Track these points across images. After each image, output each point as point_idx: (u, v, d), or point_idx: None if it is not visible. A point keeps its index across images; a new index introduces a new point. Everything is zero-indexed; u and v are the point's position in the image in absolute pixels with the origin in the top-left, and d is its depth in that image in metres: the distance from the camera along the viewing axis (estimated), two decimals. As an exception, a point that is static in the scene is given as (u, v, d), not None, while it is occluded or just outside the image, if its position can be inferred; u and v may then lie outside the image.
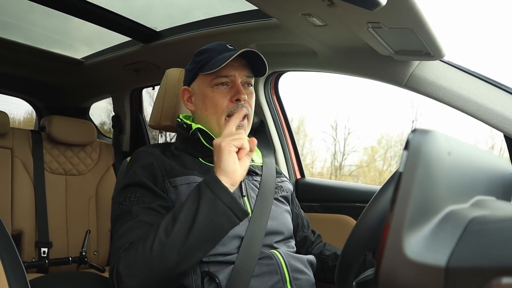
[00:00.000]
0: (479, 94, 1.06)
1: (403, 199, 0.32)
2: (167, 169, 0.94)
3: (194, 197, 0.78)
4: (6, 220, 1.67)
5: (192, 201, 0.78)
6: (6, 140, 1.79)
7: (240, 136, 0.82)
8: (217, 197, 0.77)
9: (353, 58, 1.24)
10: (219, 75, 0.96)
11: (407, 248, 0.31)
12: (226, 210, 0.77)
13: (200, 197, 0.77)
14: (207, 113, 0.99)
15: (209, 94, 0.98)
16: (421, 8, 0.82)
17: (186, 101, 1.05)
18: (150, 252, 0.74)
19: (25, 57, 1.99)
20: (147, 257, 0.74)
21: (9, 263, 0.76)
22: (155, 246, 0.74)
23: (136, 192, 0.89)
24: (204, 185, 0.79)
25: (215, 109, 0.97)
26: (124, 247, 0.80)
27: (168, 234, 0.75)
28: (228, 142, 0.80)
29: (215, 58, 0.97)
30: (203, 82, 1.00)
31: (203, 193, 0.78)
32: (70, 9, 1.47)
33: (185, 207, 0.77)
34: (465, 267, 0.30)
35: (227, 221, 0.77)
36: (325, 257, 1.09)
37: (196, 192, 0.79)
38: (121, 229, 0.84)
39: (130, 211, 0.86)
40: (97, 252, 1.89)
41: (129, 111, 2.26)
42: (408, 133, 0.34)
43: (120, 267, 0.77)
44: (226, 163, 0.79)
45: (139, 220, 0.84)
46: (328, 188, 1.60)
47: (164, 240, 0.74)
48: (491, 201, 0.41)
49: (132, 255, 0.76)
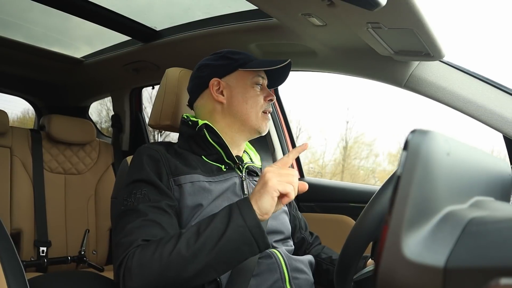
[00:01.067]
0: (478, 95, 1.06)
1: (402, 199, 0.32)
2: (172, 167, 0.94)
3: (224, 218, 0.77)
4: (5, 219, 1.67)
5: (221, 222, 0.76)
6: (6, 139, 1.79)
7: (291, 179, 0.77)
8: (247, 226, 0.75)
9: (352, 58, 1.24)
10: (260, 75, 1.04)
11: (405, 249, 0.31)
12: (252, 240, 0.75)
13: (230, 220, 0.76)
14: (247, 106, 1.02)
15: (250, 89, 1.03)
16: (421, 9, 0.82)
17: (216, 93, 1.05)
18: (168, 260, 0.74)
19: (25, 56, 1.99)
20: (163, 263, 0.74)
21: (8, 262, 0.76)
22: (174, 255, 0.74)
23: (142, 189, 0.88)
24: (237, 210, 0.77)
25: (255, 104, 1.03)
26: (135, 244, 0.79)
27: (190, 247, 0.74)
28: (276, 184, 0.76)
29: (255, 60, 1.05)
30: (243, 78, 1.04)
31: (234, 217, 0.76)
32: (70, 8, 1.47)
33: (212, 225, 0.76)
34: (463, 268, 0.30)
35: (249, 250, 0.76)
36: (321, 259, 1.09)
37: (227, 213, 0.77)
38: (128, 226, 0.83)
39: (137, 209, 0.85)
40: (96, 251, 1.89)
41: (128, 111, 2.26)
42: (407, 133, 0.34)
43: (133, 264, 0.76)
44: (265, 203, 0.76)
45: (148, 219, 0.83)
46: (327, 188, 1.60)
47: (184, 253, 0.74)
48: (490, 202, 0.41)
49: (148, 256, 0.76)
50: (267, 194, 0.76)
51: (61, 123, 1.94)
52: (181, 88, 1.17)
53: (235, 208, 0.77)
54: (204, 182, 0.93)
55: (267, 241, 0.77)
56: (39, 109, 2.62)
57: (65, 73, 2.22)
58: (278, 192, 0.76)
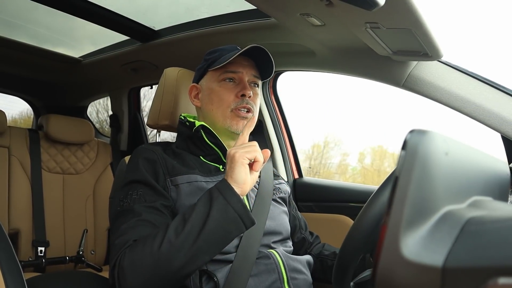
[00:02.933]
0: (476, 95, 1.07)
1: (400, 199, 0.32)
2: (169, 167, 0.94)
3: (206, 201, 0.79)
4: (3, 219, 1.66)
5: (204, 205, 0.78)
6: (4, 138, 1.78)
7: (254, 148, 0.82)
8: (228, 203, 0.78)
9: (351, 58, 1.24)
10: (227, 71, 0.99)
11: (404, 248, 0.31)
12: (236, 217, 0.78)
13: (212, 201, 0.78)
14: (212, 107, 1.00)
15: (216, 88, 1.00)
16: (419, 9, 0.82)
17: (193, 98, 1.07)
18: (158, 251, 0.74)
19: (23, 55, 1.98)
20: (154, 256, 0.74)
21: (6, 262, 0.76)
22: (164, 245, 0.75)
23: (138, 190, 0.89)
24: (216, 191, 0.79)
25: (221, 103, 0.99)
26: (128, 244, 0.79)
27: (178, 235, 0.75)
28: (241, 154, 0.80)
29: (227, 55, 1.00)
30: (211, 78, 1.03)
31: (215, 198, 0.78)
32: (69, 8, 1.46)
33: (196, 210, 0.78)
34: (462, 267, 0.30)
35: (236, 228, 0.79)
36: (325, 256, 1.09)
37: (208, 196, 0.80)
38: (122, 227, 0.83)
39: (132, 209, 0.85)
40: (94, 251, 1.89)
41: (127, 110, 2.26)
42: (406, 133, 0.34)
43: (125, 263, 0.76)
44: (238, 174, 0.80)
45: (142, 219, 0.83)
46: (325, 188, 1.60)
47: (174, 241, 0.75)
48: (488, 202, 0.41)
49: (139, 252, 0.76)
50: (237, 164, 0.79)
51: (59, 122, 1.94)
52: (179, 88, 1.17)
53: (214, 190, 0.80)
54: (201, 182, 0.93)
55: (251, 217, 0.80)
56: (37, 108, 2.61)
57: (63, 73, 2.21)
58: (246, 159, 0.80)
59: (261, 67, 1.04)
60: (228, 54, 1.00)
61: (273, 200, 1.03)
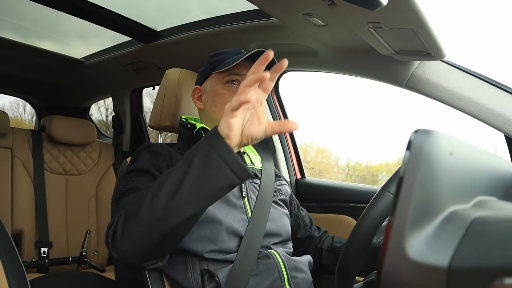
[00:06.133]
0: (479, 95, 1.06)
1: (405, 199, 0.32)
2: (174, 161, 0.94)
3: (192, 151, 0.74)
4: (6, 220, 1.67)
5: (189, 154, 0.73)
6: (6, 140, 1.79)
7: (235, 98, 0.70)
8: (212, 147, 0.70)
9: (353, 58, 1.24)
10: (231, 73, 1.00)
11: (409, 249, 0.31)
12: (220, 162, 0.69)
13: (197, 150, 0.72)
14: (215, 109, 1.01)
15: (220, 91, 1.01)
16: (422, 8, 0.82)
17: (196, 100, 1.06)
18: (142, 205, 0.73)
19: (25, 56, 1.99)
20: (139, 211, 0.73)
21: (9, 263, 0.76)
22: (147, 198, 0.72)
23: (141, 177, 0.89)
24: (203, 138, 0.73)
25: (224, 106, 0.97)
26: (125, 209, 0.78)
27: (161, 185, 0.72)
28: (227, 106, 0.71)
29: (229, 59, 1.00)
30: (215, 80, 1.03)
31: (200, 145, 0.72)
32: (70, 9, 1.47)
33: (181, 161, 0.74)
34: (467, 268, 0.29)
35: (222, 176, 0.70)
36: (337, 249, 1.09)
37: (195, 147, 0.74)
38: (123, 200, 0.83)
39: (135, 187, 0.85)
40: (97, 252, 1.89)
41: (129, 111, 2.26)
42: (411, 133, 0.34)
43: (118, 226, 0.75)
44: (222, 122, 0.71)
45: (142, 193, 0.80)
46: (328, 188, 1.60)
47: (157, 191, 0.72)
48: (493, 202, 0.41)
49: (129, 213, 0.75)
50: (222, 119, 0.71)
51: (62, 123, 1.94)
52: (181, 89, 1.17)
53: (202, 139, 0.73)
54: None
55: (240, 163, 0.70)
56: (40, 110, 2.62)
57: (65, 74, 2.22)
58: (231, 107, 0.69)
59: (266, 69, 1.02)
60: (233, 57, 0.99)
61: (274, 202, 1.04)
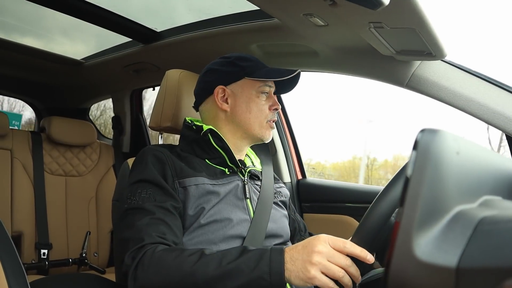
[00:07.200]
0: (480, 94, 1.06)
1: (412, 199, 0.32)
2: (177, 169, 0.94)
3: (251, 263, 0.72)
4: (6, 222, 1.66)
5: (246, 265, 0.72)
6: (6, 141, 1.78)
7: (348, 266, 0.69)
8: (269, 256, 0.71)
9: (354, 58, 1.24)
10: (267, 84, 1.03)
11: (417, 249, 0.31)
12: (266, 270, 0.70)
13: (256, 267, 0.71)
14: (250, 116, 1.01)
15: (255, 99, 1.02)
16: (423, 8, 0.82)
17: (221, 101, 1.04)
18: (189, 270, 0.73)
19: (24, 58, 1.98)
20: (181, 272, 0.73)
21: (9, 265, 0.75)
22: (191, 268, 0.73)
23: (148, 189, 0.88)
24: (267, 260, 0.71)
25: (260, 113, 1.02)
26: (150, 240, 0.78)
27: (207, 273, 0.72)
28: (327, 264, 0.68)
29: (264, 68, 1.03)
30: (249, 86, 1.02)
31: (261, 266, 0.71)
32: (71, 10, 1.46)
33: (237, 262, 0.72)
34: (476, 268, 0.29)
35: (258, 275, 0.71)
36: None
37: (256, 259, 0.72)
38: (137, 223, 0.82)
39: (144, 207, 0.85)
40: (97, 253, 1.89)
41: (129, 112, 2.26)
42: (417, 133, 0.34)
43: (153, 259, 0.75)
44: (301, 269, 0.69)
45: (156, 218, 0.83)
46: (329, 188, 1.60)
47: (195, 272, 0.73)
48: (499, 201, 0.41)
49: (170, 258, 0.75)
50: (313, 266, 0.68)
51: (62, 125, 1.94)
52: (181, 90, 1.17)
53: (266, 256, 0.72)
54: (208, 185, 0.93)
55: None
56: (39, 111, 2.61)
57: (65, 75, 2.21)
58: (321, 271, 0.68)
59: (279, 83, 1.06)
60: (272, 68, 1.03)
61: (274, 204, 1.04)
